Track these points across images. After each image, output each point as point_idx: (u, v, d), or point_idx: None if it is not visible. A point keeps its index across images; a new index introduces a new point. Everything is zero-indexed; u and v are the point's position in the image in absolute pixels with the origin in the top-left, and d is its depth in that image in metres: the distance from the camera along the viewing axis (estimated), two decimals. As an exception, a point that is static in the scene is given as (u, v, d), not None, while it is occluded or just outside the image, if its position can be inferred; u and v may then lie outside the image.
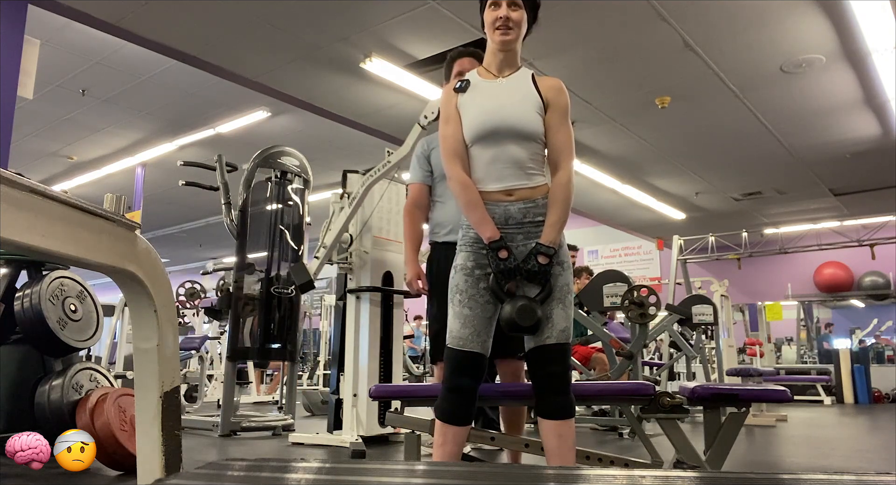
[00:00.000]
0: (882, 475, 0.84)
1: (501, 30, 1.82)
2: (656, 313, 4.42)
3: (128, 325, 6.70)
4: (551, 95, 1.85)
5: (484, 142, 1.82)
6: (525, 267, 1.73)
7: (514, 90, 1.85)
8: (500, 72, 1.88)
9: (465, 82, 1.88)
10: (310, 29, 4.70)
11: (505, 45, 1.84)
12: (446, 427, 1.80)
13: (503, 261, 1.72)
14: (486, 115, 1.82)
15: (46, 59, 5.20)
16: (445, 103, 1.90)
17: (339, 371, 4.15)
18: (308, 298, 10.87)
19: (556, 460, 1.76)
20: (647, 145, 7.14)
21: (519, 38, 1.86)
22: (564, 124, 1.87)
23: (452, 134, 1.85)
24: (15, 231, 1.00)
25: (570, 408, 1.78)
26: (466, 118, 1.84)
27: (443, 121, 1.89)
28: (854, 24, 4.63)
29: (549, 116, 1.84)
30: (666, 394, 1.96)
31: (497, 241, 1.75)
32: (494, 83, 1.87)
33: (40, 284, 3.04)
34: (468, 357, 1.78)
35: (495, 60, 1.88)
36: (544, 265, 1.73)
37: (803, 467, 3.41)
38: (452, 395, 1.80)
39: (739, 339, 9.55)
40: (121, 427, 2.71)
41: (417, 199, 2.63)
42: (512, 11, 1.82)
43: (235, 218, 4.74)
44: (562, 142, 1.86)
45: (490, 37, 1.86)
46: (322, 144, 7.62)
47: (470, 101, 1.86)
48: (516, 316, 1.68)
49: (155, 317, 1.31)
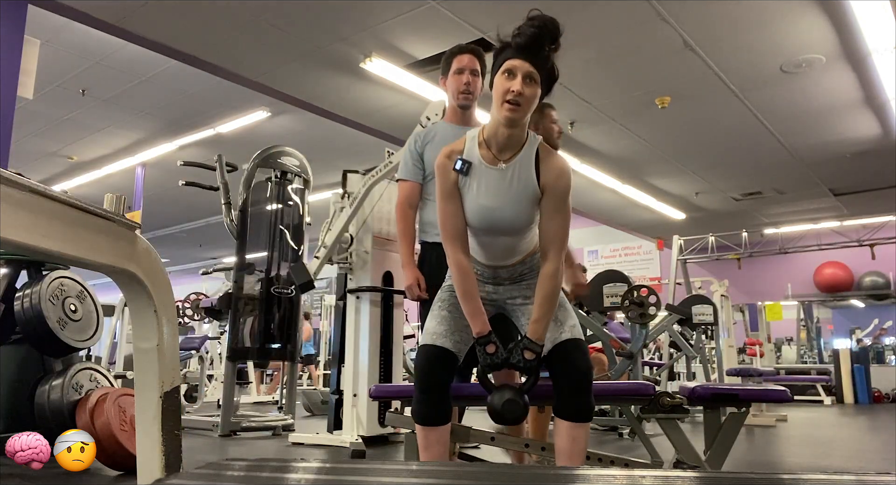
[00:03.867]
0: (882, 475, 0.84)
1: (511, 105, 1.64)
2: (656, 313, 4.42)
3: (128, 325, 6.70)
4: (550, 179, 1.73)
5: (478, 233, 1.82)
6: (512, 361, 1.71)
7: (513, 182, 1.74)
8: (501, 153, 1.74)
9: (467, 165, 1.75)
10: (310, 29, 4.70)
11: (511, 122, 1.67)
12: (426, 430, 1.78)
13: (491, 356, 1.71)
14: (483, 212, 1.76)
15: (46, 59, 5.20)
16: (443, 177, 1.78)
17: (340, 363, 4.15)
18: (308, 298, 10.87)
19: (564, 461, 1.75)
20: (647, 145, 7.13)
21: (527, 115, 1.70)
22: (560, 211, 1.75)
23: (453, 214, 1.78)
24: (15, 231, 1.00)
25: (588, 412, 1.75)
26: (465, 206, 1.78)
27: (442, 197, 1.79)
28: (854, 24, 4.63)
29: (545, 202, 1.74)
30: (666, 394, 1.95)
31: (485, 336, 1.72)
32: (495, 171, 1.74)
33: (40, 284, 3.04)
34: (440, 352, 1.78)
35: (498, 137, 1.73)
36: (530, 360, 1.70)
37: (803, 467, 3.41)
38: (425, 395, 1.78)
39: (739, 339, 9.55)
40: (121, 427, 2.71)
41: (411, 197, 2.51)
42: (527, 87, 1.64)
43: (235, 218, 4.74)
44: (553, 231, 1.75)
45: (496, 107, 1.68)
46: (322, 144, 7.61)
47: (468, 189, 1.77)
48: (503, 410, 1.67)
49: (155, 317, 1.31)
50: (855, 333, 10.95)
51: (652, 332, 5.18)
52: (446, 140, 2.49)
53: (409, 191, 2.52)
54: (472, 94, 2.52)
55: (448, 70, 2.55)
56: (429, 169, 2.51)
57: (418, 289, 2.38)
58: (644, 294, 4.27)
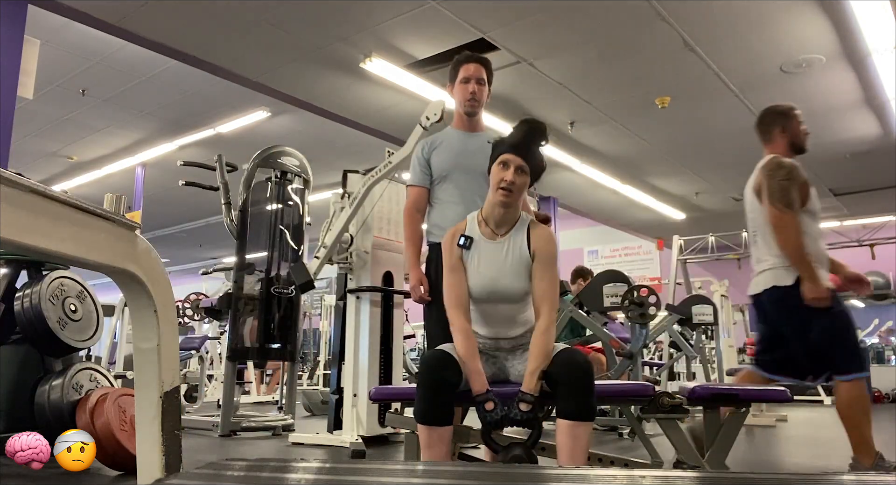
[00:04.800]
0: (882, 475, 0.84)
1: (504, 192, 1.95)
2: (656, 313, 4.42)
3: (128, 325, 6.70)
4: (538, 245, 1.98)
5: (480, 302, 1.99)
6: (510, 416, 1.78)
7: (509, 253, 1.99)
8: (498, 228, 2.01)
9: (469, 240, 2.02)
10: (310, 29, 4.70)
11: (505, 205, 1.97)
12: (429, 429, 1.81)
13: (490, 412, 1.79)
14: (483, 282, 1.97)
15: (46, 59, 5.19)
16: (449, 253, 2.03)
17: (340, 362, 4.15)
18: (308, 298, 10.86)
19: (565, 459, 1.76)
20: (647, 145, 7.14)
21: (518, 200, 2.00)
22: (548, 272, 1.97)
23: (458, 284, 1.99)
24: (15, 231, 1.00)
25: (590, 411, 1.78)
26: (468, 277, 2.00)
27: (448, 270, 2.03)
28: (854, 24, 4.63)
29: (535, 265, 1.97)
30: (666, 394, 1.95)
31: (483, 394, 1.81)
32: (493, 245, 2.00)
33: (40, 284, 3.04)
34: (448, 355, 1.84)
35: (494, 215, 2.01)
36: (527, 412, 1.77)
37: (803, 467, 3.41)
38: (430, 394, 1.81)
39: (739, 339, 9.55)
40: (121, 427, 2.71)
41: (418, 202, 2.60)
42: (517, 177, 1.94)
43: (235, 218, 4.73)
44: (543, 290, 1.96)
45: (492, 192, 1.99)
46: (322, 144, 7.61)
47: (471, 262, 2.01)
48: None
49: (155, 317, 1.31)
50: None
51: (652, 332, 5.18)
52: (453, 146, 2.58)
53: (418, 195, 2.61)
54: (478, 102, 2.60)
55: (455, 77, 2.60)
56: (436, 174, 2.59)
57: (422, 291, 2.43)
58: (644, 294, 4.27)
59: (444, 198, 2.58)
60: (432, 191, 2.61)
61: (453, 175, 2.56)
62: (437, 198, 2.60)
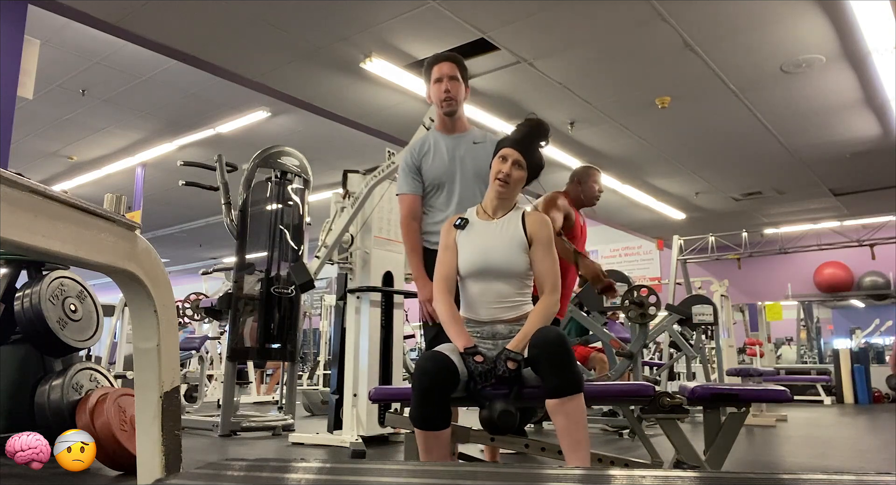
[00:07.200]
0: (882, 475, 0.84)
1: (500, 183, 2.06)
2: (656, 313, 4.43)
3: (128, 325, 6.70)
4: (534, 230, 2.06)
5: (474, 278, 2.04)
6: (497, 372, 1.85)
7: (503, 232, 2.07)
8: (494, 213, 2.11)
9: (465, 221, 2.11)
10: (310, 29, 4.70)
11: (501, 195, 2.08)
12: (426, 434, 1.81)
13: (479, 364, 1.85)
14: (476, 255, 2.04)
15: (46, 59, 5.19)
16: (445, 234, 2.14)
17: (340, 362, 4.15)
18: (308, 298, 10.87)
19: (567, 440, 1.76)
20: (647, 145, 7.13)
21: (514, 192, 2.11)
22: (547, 256, 2.05)
23: (448, 262, 2.09)
24: (15, 231, 1.00)
25: (575, 383, 1.77)
26: (462, 254, 2.07)
27: (442, 249, 2.13)
28: (854, 24, 4.62)
29: (533, 250, 2.05)
30: (666, 394, 1.95)
31: (471, 347, 1.90)
32: (488, 224, 2.10)
33: (40, 284, 3.04)
34: (443, 357, 1.84)
35: (492, 203, 2.12)
36: (512, 370, 1.83)
37: (803, 467, 3.41)
38: (426, 397, 1.81)
39: (739, 339, 9.55)
40: (121, 427, 2.71)
41: (414, 210, 2.52)
42: (514, 170, 2.05)
43: (235, 218, 4.74)
44: (544, 272, 2.04)
45: (490, 183, 2.10)
46: (322, 144, 7.61)
47: (465, 239, 2.09)
48: (499, 422, 1.77)
49: (155, 317, 1.31)
50: (855, 334, 10.95)
51: (652, 332, 5.18)
52: (440, 150, 2.54)
53: (412, 204, 2.53)
54: (454, 100, 2.51)
55: (429, 79, 2.54)
56: (429, 182, 2.52)
57: (431, 306, 2.33)
58: (644, 294, 4.28)
59: (438, 205, 2.53)
60: (425, 198, 2.54)
61: (447, 184, 2.50)
62: (431, 205, 2.54)
